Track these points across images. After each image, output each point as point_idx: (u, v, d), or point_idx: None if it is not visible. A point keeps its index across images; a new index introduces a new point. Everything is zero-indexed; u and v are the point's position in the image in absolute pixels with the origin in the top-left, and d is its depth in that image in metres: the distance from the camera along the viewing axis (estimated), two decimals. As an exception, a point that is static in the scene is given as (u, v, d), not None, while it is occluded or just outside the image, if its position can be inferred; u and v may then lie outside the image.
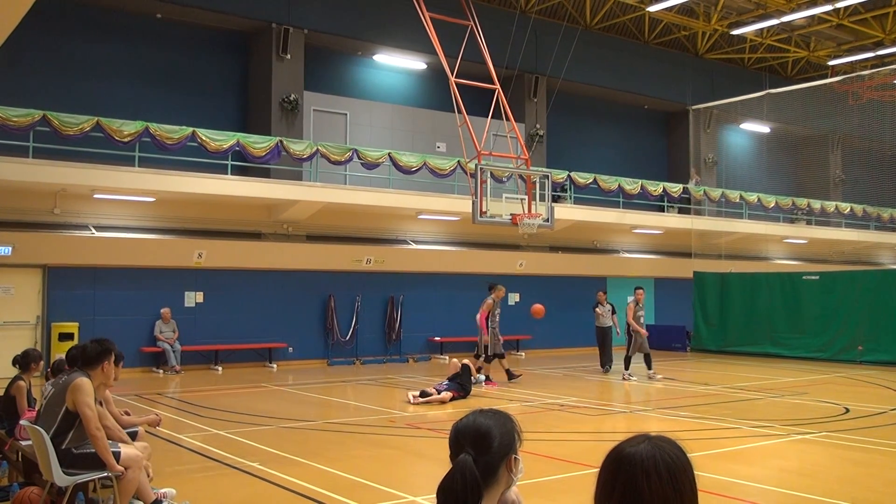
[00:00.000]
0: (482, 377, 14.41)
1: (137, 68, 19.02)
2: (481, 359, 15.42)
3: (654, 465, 1.70)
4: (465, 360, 13.79)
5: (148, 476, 6.28)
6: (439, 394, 12.83)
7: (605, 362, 17.78)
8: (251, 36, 20.45)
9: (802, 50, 27.94)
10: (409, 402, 12.74)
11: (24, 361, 7.66)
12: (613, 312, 17.77)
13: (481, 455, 2.23)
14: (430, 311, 21.06)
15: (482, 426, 2.28)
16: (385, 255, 20.06)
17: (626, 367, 16.33)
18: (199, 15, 19.23)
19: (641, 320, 16.58)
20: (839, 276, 21.65)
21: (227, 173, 17.53)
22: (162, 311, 17.41)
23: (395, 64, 22.47)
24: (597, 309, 17.94)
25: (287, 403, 13.12)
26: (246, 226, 18.62)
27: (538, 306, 16.09)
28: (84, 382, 5.67)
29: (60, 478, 5.59)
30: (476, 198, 15.95)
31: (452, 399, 12.95)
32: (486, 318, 15.25)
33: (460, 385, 13.23)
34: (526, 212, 16.58)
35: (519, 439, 2.33)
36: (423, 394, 12.88)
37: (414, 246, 20.84)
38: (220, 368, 17.82)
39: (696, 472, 1.78)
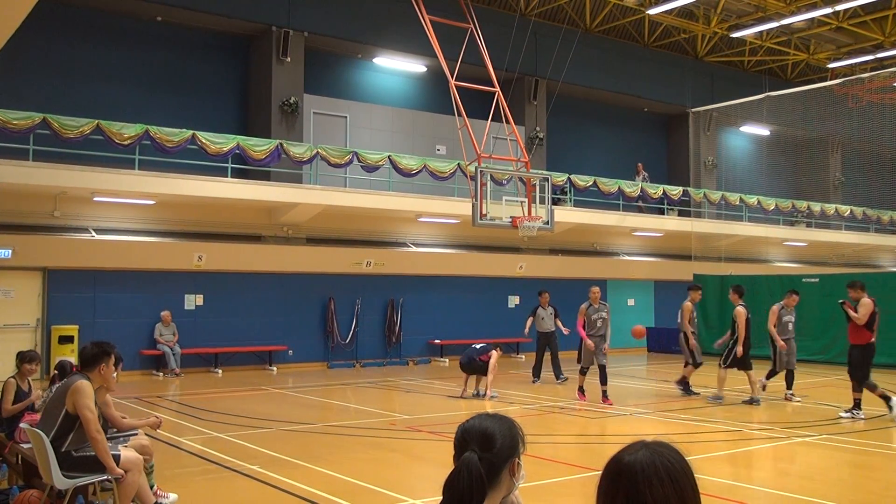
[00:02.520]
0: (494, 393, 13.63)
1: (138, 71, 19.03)
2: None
3: (654, 471, 1.70)
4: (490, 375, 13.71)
5: (148, 469, 6.30)
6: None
7: (537, 372, 16.13)
8: (251, 39, 20.47)
9: (802, 53, 27.95)
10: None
11: (18, 360, 7.68)
12: (556, 316, 16.18)
13: (486, 455, 2.26)
14: (430, 313, 21.05)
15: (488, 428, 2.33)
16: (385, 258, 20.05)
17: (768, 378, 13.79)
18: (200, 18, 19.23)
19: (790, 327, 13.64)
20: (839, 278, 21.59)
21: (227, 176, 17.53)
22: (162, 313, 17.41)
23: (395, 67, 22.47)
24: (538, 311, 16.29)
25: (287, 406, 13.12)
26: (246, 228, 18.61)
27: (639, 327, 14.58)
28: (84, 385, 5.67)
29: (60, 481, 5.59)
30: (476, 200, 15.96)
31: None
32: (583, 325, 13.44)
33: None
34: (526, 214, 16.59)
35: (522, 444, 2.37)
36: (475, 354, 13.60)
37: (414, 248, 20.83)
38: (219, 371, 17.82)
39: (696, 475, 1.78)
